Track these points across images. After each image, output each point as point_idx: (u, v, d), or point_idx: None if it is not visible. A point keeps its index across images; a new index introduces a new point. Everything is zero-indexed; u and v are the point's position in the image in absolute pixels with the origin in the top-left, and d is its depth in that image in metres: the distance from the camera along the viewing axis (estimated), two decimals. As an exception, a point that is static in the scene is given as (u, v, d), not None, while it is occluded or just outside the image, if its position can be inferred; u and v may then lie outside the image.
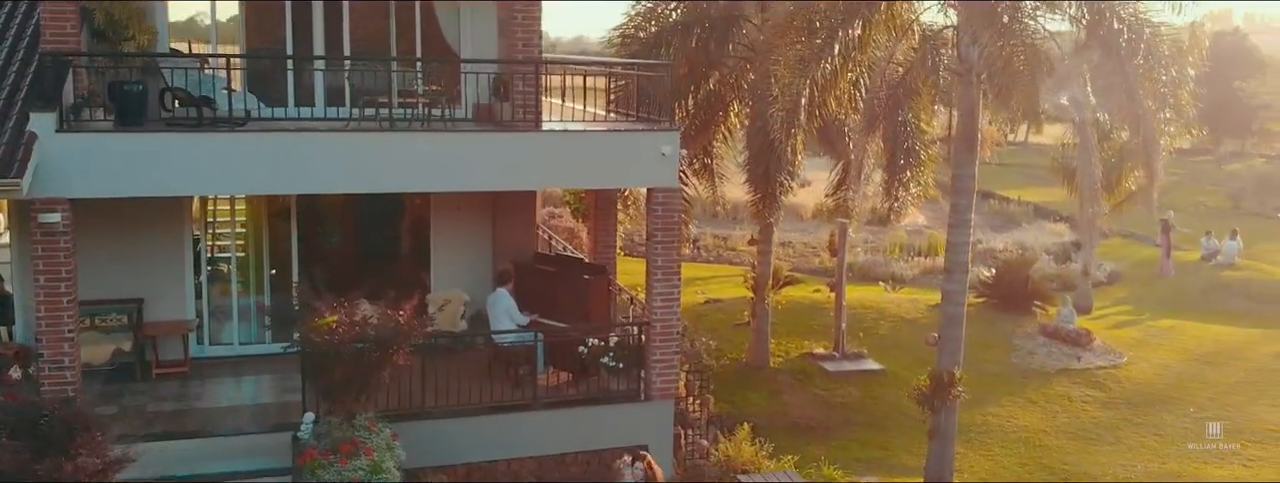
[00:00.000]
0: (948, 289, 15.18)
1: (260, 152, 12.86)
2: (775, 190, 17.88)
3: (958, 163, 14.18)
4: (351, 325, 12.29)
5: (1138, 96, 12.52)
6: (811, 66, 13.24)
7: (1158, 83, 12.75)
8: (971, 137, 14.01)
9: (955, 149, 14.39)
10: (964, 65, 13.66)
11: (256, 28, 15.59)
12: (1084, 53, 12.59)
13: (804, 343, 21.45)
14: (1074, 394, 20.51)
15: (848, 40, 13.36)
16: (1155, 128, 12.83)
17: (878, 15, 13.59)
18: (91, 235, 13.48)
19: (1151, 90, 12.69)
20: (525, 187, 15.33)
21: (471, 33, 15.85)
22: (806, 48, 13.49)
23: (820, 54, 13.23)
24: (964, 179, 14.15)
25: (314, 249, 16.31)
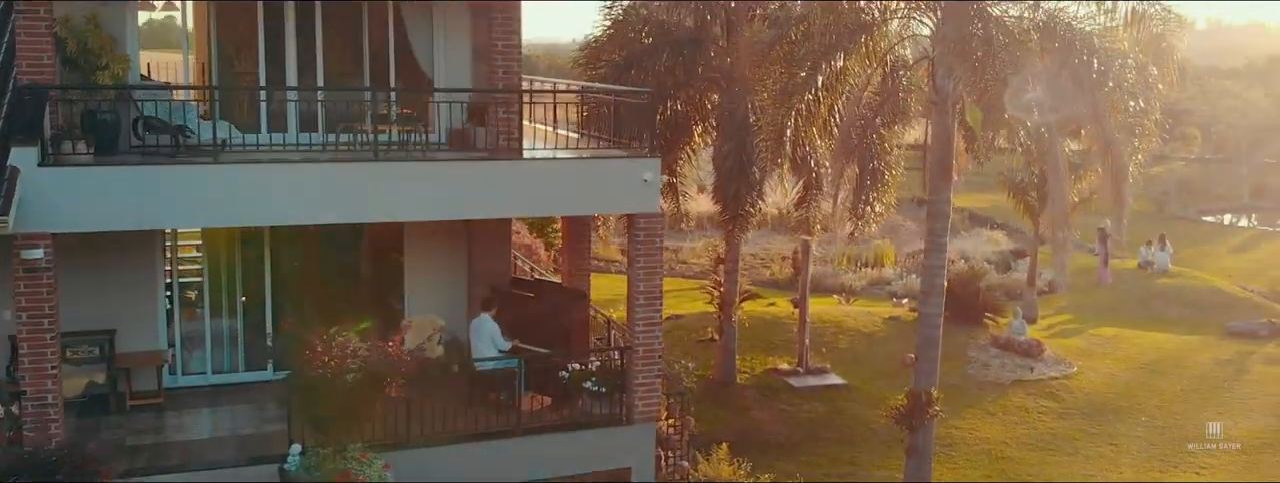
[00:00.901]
0: (924, 312, 15.53)
1: (243, 184, 12.77)
2: (746, 212, 18.16)
3: (933, 189, 14.56)
4: (344, 357, 12.29)
5: (1107, 126, 12.98)
6: (795, 99, 13.52)
7: (1125, 112, 13.24)
8: (946, 164, 14.40)
9: (930, 176, 14.78)
10: (939, 96, 14.04)
11: (229, 52, 15.48)
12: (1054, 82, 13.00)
13: (768, 359, 21.76)
14: (1030, 405, 21.07)
15: (830, 73, 13.68)
16: (1124, 155, 13.31)
17: (858, 48, 13.92)
18: (61, 265, 13.27)
19: (1120, 120, 13.17)
20: (508, 215, 15.42)
21: (445, 56, 15.88)
22: (789, 80, 13.76)
23: (804, 86, 13.51)
24: (939, 204, 14.54)
25: (286, 275, 16.18)
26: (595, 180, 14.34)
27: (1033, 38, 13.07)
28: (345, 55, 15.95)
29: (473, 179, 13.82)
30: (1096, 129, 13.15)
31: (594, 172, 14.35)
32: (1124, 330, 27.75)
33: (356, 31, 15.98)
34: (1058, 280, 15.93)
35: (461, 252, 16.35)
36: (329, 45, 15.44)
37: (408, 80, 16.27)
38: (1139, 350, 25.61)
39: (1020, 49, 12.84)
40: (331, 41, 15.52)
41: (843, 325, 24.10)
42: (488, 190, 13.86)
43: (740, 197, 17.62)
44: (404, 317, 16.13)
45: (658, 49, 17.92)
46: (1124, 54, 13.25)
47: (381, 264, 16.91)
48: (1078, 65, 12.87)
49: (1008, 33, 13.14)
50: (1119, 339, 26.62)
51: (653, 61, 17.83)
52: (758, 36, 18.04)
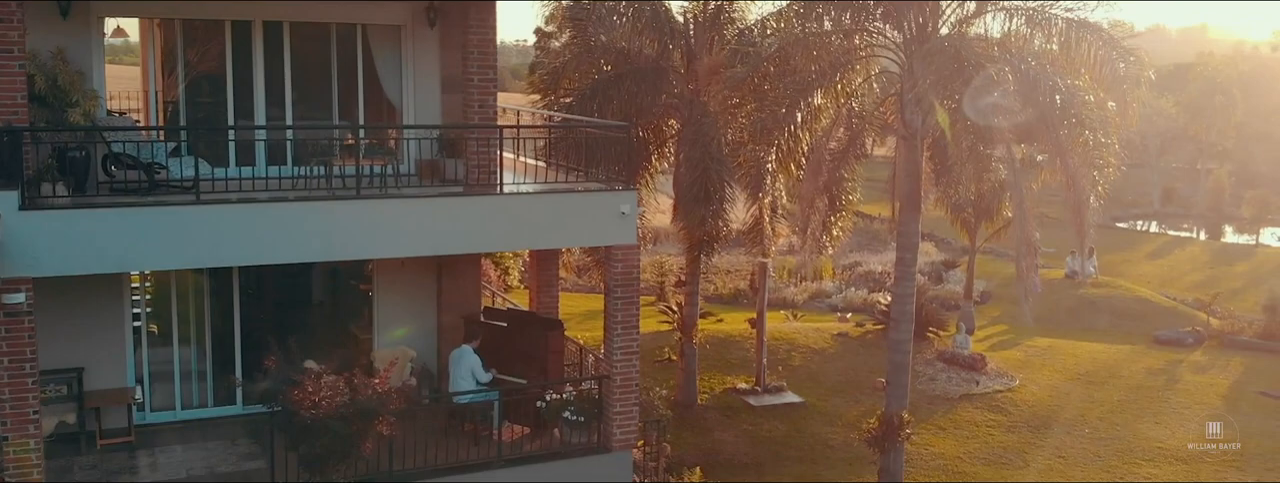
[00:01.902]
0: (894, 338, 15.97)
1: (223, 224, 12.63)
2: (713, 238, 18.43)
3: (902, 219, 15.00)
4: (335, 395, 12.29)
5: (1070, 160, 13.53)
6: (775, 134, 13.85)
7: (1087, 148, 13.81)
8: (915, 195, 14.85)
9: (900, 206, 15.22)
10: (908, 129, 14.48)
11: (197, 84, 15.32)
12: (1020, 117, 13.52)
13: (725, 378, 22.07)
14: (979, 419, 21.68)
15: (808, 110, 14.03)
16: (1087, 189, 13.88)
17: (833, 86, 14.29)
18: (24, 303, 13.07)
19: (1083, 156, 13.73)
20: (490, 250, 15.48)
21: (413, 86, 15.92)
22: (767, 116, 14.08)
23: (784, 122, 13.84)
24: (908, 235, 14.98)
25: (254, 307, 16.04)
26: (573, 213, 14.49)
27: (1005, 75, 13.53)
28: (314, 85, 15.91)
29: (453, 215, 13.86)
30: (1060, 163, 13.70)
31: (572, 204, 14.48)
32: (1057, 341, 28.64)
33: (325, 61, 15.95)
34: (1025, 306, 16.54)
35: (431, 281, 16.37)
36: (297, 74, 15.40)
37: (376, 110, 16.28)
38: (1075, 361, 26.45)
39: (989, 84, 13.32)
40: (300, 71, 15.47)
41: (795, 343, 24.52)
42: (468, 225, 13.92)
43: (706, 223, 17.90)
44: (373, 347, 16.14)
45: (621, 77, 18.13)
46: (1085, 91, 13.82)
47: (350, 294, 16.85)
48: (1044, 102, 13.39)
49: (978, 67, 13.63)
50: (1054, 350, 27.47)
51: (616, 89, 18.03)
52: (716, 63, 18.36)
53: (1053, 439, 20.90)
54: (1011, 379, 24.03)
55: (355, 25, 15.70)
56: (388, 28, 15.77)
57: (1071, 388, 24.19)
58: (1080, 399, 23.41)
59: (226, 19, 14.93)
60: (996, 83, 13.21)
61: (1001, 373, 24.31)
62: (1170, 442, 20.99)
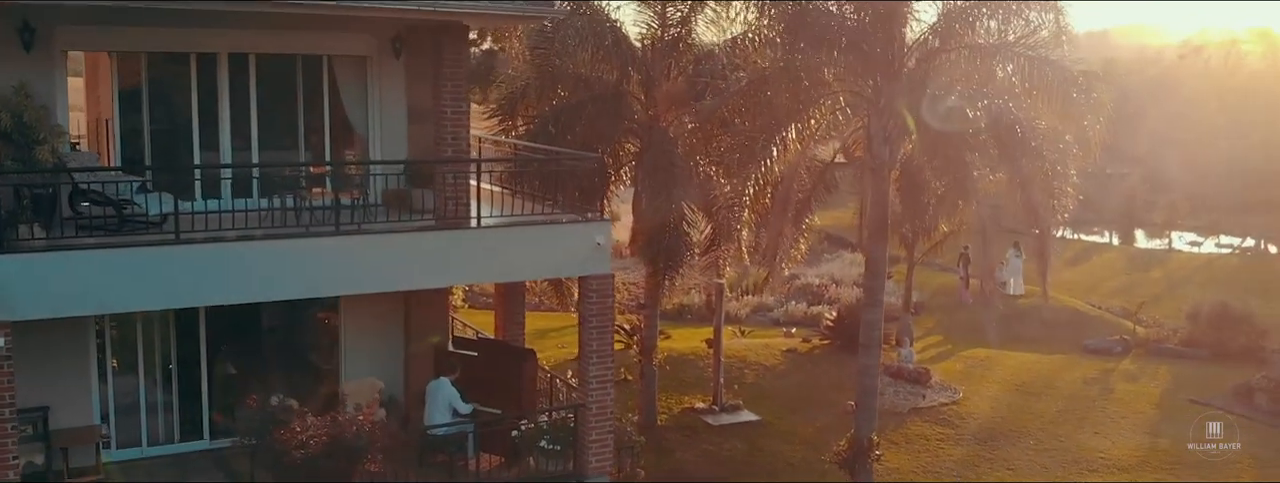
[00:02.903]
0: (864, 363, 16.40)
1: (204, 263, 12.60)
2: (678, 263, 18.68)
3: (870, 247, 15.43)
4: (322, 433, 12.28)
5: (1032, 193, 14.08)
6: (751, 167, 14.17)
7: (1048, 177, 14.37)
8: (883, 224, 15.28)
9: (868, 235, 15.64)
10: (876, 161, 14.92)
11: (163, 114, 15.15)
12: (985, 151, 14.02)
13: (682, 398, 22.33)
14: (928, 433, 22.23)
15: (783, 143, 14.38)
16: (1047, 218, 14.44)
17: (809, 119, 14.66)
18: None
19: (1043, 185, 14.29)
20: (465, 282, 15.52)
21: (380, 116, 15.92)
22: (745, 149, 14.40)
23: (762, 155, 14.17)
24: (876, 263, 15.41)
25: (222, 339, 15.88)
26: (548, 244, 14.67)
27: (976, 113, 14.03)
28: (280, 115, 15.83)
29: (431, 249, 13.97)
30: (1021, 194, 14.24)
31: (547, 236, 14.64)
32: (993, 352, 29.35)
33: (290, 92, 15.88)
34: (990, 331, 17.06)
35: (398, 311, 16.36)
36: (263, 105, 15.32)
37: (343, 140, 16.25)
38: (1012, 372, 27.20)
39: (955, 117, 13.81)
40: (265, 102, 15.39)
41: (747, 360, 24.88)
42: (446, 259, 14.04)
43: (672, 250, 18.16)
44: (341, 378, 16.08)
45: (582, 103, 18.32)
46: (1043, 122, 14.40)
47: (317, 325, 16.76)
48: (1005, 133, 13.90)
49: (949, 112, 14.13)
50: (991, 361, 28.20)
51: (577, 116, 18.22)
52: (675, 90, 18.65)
53: (1001, 452, 21.52)
54: (955, 392, 24.67)
55: (321, 56, 15.67)
56: (353, 59, 15.76)
57: (1012, 399, 24.90)
58: (1021, 411, 24.11)
59: (191, 51, 14.79)
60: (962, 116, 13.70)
61: (945, 386, 24.93)
62: (1112, 451, 21.75)
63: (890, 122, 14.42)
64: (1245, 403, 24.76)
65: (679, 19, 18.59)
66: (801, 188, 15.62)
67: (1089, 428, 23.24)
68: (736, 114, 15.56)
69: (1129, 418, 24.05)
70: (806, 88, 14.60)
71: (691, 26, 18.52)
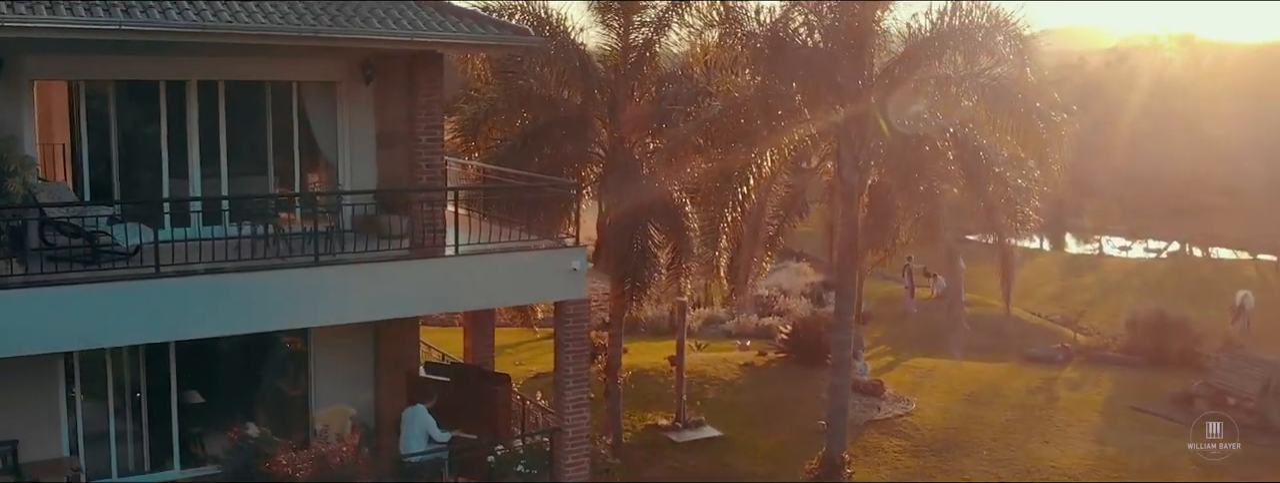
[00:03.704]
0: (835, 383, 16.75)
1: (185, 296, 12.55)
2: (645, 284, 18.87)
3: (840, 269, 15.77)
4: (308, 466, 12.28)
5: (997, 217, 14.53)
6: (726, 194, 14.44)
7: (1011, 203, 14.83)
8: (853, 247, 15.64)
9: (838, 257, 15.98)
10: (846, 186, 15.27)
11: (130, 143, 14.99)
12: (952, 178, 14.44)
13: (645, 415, 22.52)
14: (885, 445, 22.67)
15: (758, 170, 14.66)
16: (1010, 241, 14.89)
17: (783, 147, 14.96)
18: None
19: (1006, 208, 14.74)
20: (441, 310, 15.56)
21: (349, 141, 15.91)
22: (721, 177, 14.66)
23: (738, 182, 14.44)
24: (846, 284, 15.74)
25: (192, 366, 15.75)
26: (525, 271, 14.79)
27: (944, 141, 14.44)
28: (249, 141, 15.74)
29: (407, 278, 14.00)
30: (986, 217, 14.68)
31: (524, 263, 14.75)
32: (939, 362, 29.96)
33: (259, 118, 15.79)
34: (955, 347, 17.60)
35: (368, 337, 16.34)
36: (232, 132, 15.23)
37: (312, 165, 16.21)
38: (959, 382, 27.80)
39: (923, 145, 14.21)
40: (235, 128, 15.30)
41: (706, 375, 25.15)
42: (421, 287, 14.10)
43: (640, 273, 18.36)
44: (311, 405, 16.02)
45: (549, 126, 18.46)
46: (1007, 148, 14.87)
47: (286, 352, 16.67)
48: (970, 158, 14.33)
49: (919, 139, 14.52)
50: (938, 371, 28.79)
51: (544, 138, 18.36)
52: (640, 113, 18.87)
53: (956, 463, 22.01)
54: (908, 403, 25.16)
55: (290, 82, 15.62)
56: (322, 84, 15.73)
57: (962, 409, 25.46)
58: (971, 421, 24.66)
59: (161, 79, 14.67)
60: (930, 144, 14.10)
61: (898, 398, 25.42)
62: (1062, 460, 22.35)
63: (859, 149, 14.79)
64: (1185, 410, 25.55)
65: (642, 42, 18.80)
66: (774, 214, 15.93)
67: (1038, 437, 23.85)
68: (709, 140, 15.84)
69: (1075, 426, 24.71)
70: (780, 116, 14.90)
71: (655, 50, 18.74)
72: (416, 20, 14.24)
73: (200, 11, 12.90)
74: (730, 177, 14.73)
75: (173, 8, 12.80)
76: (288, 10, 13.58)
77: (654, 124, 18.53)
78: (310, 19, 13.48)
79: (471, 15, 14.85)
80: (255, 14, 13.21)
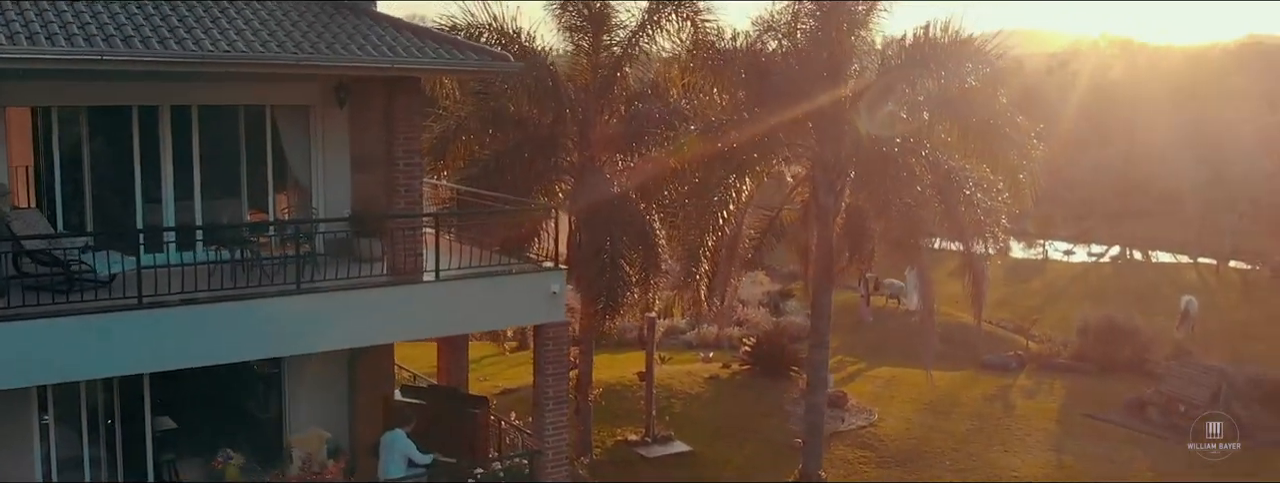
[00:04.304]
0: (811, 401, 16.95)
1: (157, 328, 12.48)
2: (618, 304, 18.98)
3: (817, 290, 16.02)
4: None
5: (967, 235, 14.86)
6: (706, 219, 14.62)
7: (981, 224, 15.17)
8: (829, 268, 15.91)
9: (814, 279, 16.23)
10: (821, 209, 15.52)
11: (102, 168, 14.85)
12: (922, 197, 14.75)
13: (615, 431, 22.64)
14: (851, 457, 22.98)
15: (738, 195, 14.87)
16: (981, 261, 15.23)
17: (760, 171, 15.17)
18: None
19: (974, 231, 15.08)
20: (421, 336, 15.56)
21: (323, 164, 15.87)
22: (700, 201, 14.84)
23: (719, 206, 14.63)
24: (821, 306, 16.01)
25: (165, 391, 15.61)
26: (504, 295, 14.82)
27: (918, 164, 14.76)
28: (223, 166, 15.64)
29: (388, 304, 13.99)
30: (959, 239, 15.02)
31: (502, 287, 14.79)
32: (897, 371, 30.41)
33: (233, 142, 15.69)
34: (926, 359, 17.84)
35: (343, 360, 16.28)
36: (206, 156, 15.13)
37: (286, 188, 16.14)
38: (918, 391, 28.22)
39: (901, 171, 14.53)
40: (208, 153, 15.20)
41: (671, 389, 25.31)
42: (401, 314, 14.11)
43: (613, 292, 18.49)
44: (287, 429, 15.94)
45: (520, 146, 18.53)
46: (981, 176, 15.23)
47: (260, 376, 16.57)
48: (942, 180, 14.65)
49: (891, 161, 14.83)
50: (898, 381, 29.22)
51: (515, 157, 18.43)
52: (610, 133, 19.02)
53: (921, 473, 22.38)
54: (871, 414, 25.51)
55: (263, 106, 15.55)
56: (296, 108, 15.66)
57: (923, 419, 25.86)
58: (933, 431, 25.07)
59: (134, 104, 14.54)
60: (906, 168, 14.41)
61: (861, 408, 25.76)
62: (1023, 470, 22.82)
63: (835, 173, 15.06)
64: (1138, 417, 26.21)
65: (611, 62, 18.93)
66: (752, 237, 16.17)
67: (998, 446, 24.31)
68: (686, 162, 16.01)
69: (1033, 435, 25.21)
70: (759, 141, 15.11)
71: (625, 69, 18.87)
72: (396, 46, 14.25)
73: (181, 41, 12.83)
74: (710, 201, 14.93)
75: (153, 36, 12.72)
76: (267, 38, 13.54)
77: (624, 143, 18.66)
78: (291, 46, 13.45)
79: (450, 40, 14.89)
80: (236, 42, 13.16)
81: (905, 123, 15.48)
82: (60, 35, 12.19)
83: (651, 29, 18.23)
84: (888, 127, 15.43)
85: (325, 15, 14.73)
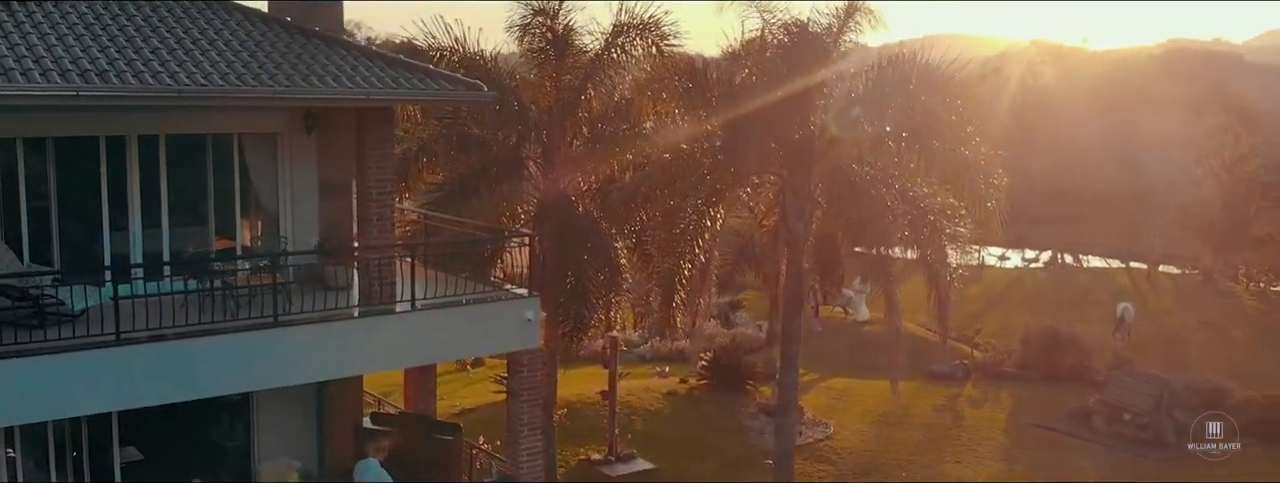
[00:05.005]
0: (781, 423, 17.20)
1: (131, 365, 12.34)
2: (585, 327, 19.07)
3: (786, 315, 16.28)
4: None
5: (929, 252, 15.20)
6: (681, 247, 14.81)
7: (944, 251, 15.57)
8: (799, 294, 16.18)
9: (784, 304, 16.48)
10: (791, 236, 15.80)
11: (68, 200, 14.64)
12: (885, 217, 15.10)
13: (577, 450, 22.74)
14: (811, 471, 23.32)
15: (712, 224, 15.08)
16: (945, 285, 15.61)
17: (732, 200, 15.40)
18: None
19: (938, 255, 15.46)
20: (398, 366, 15.54)
21: (291, 194, 15.79)
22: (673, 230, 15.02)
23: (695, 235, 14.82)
24: (791, 329, 16.26)
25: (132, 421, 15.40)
26: (479, 323, 14.86)
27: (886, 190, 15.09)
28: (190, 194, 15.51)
29: (363, 335, 13.98)
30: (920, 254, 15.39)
31: (477, 315, 14.83)
32: (849, 382, 30.89)
33: (200, 171, 15.55)
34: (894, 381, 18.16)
35: (311, 387, 16.19)
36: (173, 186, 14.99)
37: (256, 217, 16.04)
38: (870, 402, 28.71)
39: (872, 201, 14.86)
40: (176, 182, 15.05)
41: (631, 405, 25.46)
42: (377, 344, 14.06)
43: (581, 317, 18.59)
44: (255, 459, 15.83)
45: (486, 169, 18.56)
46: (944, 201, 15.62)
47: (228, 404, 16.40)
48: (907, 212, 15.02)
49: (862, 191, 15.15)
50: (850, 392, 29.68)
51: (481, 180, 18.47)
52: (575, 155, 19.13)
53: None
54: (826, 427, 25.89)
55: (231, 134, 15.44)
56: (263, 136, 15.58)
57: (876, 431, 26.32)
58: (887, 442, 25.54)
59: (101, 135, 14.37)
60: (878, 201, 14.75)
61: (817, 421, 26.14)
62: (977, 480, 23.33)
63: (805, 201, 15.36)
64: (1083, 426, 26.91)
65: (575, 85, 19.03)
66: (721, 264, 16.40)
67: (950, 457, 24.82)
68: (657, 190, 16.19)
69: (983, 445, 25.78)
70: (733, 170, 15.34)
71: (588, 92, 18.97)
72: (370, 77, 14.24)
73: (155, 73, 12.72)
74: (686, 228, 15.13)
75: (128, 70, 12.60)
76: (242, 70, 13.46)
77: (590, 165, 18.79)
78: (266, 78, 13.39)
79: (422, 69, 14.91)
80: (211, 75, 13.07)
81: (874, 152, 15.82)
82: (35, 70, 12.02)
83: (616, 53, 18.36)
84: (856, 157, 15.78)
85: (296, 44, 14.67)
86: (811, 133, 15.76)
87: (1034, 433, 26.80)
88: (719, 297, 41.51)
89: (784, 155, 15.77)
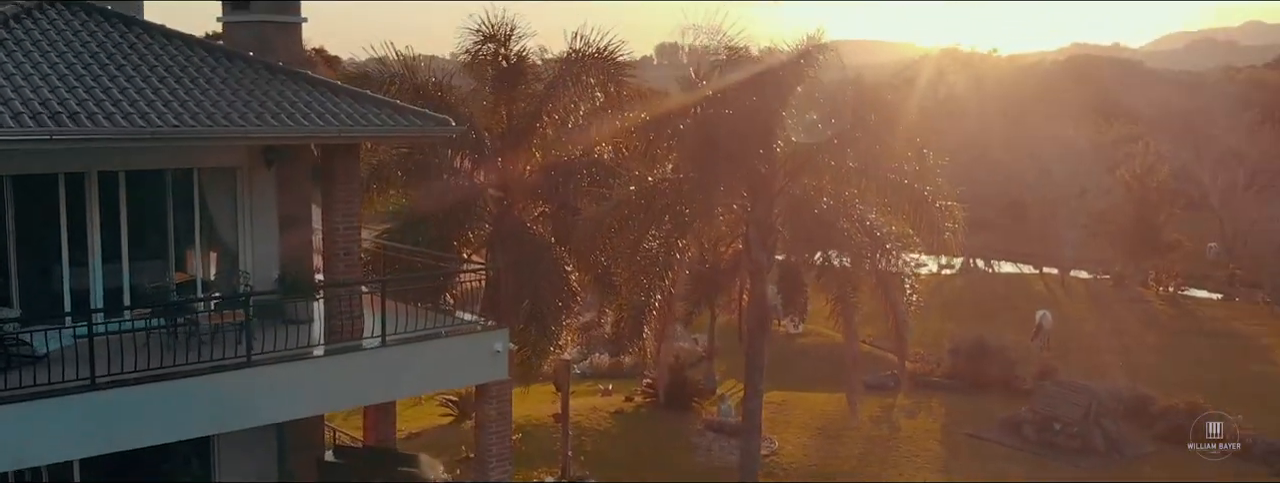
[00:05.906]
0: (745, 447, 17.53)
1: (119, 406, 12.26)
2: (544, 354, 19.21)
3: (751, 341, 16.62)
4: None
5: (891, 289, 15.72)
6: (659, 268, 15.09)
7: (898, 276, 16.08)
8: (764, 320, 16.55)
9: (748, 331, 16.80)
10: (754, 264, 16.16)
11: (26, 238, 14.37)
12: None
13: (530, 473, 22.79)
14: (760, 488, 23.70)
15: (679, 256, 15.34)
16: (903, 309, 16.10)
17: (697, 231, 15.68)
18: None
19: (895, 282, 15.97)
20: (367, 403, 15.53)
21: (250, 228, 15.74)
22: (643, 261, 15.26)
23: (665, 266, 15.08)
24: (755, 357, 16.62)
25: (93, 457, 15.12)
26: (447, 356, 14.96)
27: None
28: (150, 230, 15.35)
29: (332, 372, 14.02)
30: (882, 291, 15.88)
31: (446, 348, 14.93)
32: (788, 394, 31.34)
33: (160, 207, 15.40)
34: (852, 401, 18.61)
35: (273, 422, 16.12)
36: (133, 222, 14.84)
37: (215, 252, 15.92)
38: (810, 415, 29.23)
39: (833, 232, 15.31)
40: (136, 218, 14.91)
41: (580, 425, 25.57)
42: (346, 381, 14.13)
43: (539, 342, 18.72)
44: (216, 492, 15.70)
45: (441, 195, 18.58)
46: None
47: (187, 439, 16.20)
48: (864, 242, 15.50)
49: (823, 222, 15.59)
50: (789, 405, 30.14)
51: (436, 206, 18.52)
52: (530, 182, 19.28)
53: (826, 502, 23.29)
54: (771, 442, 26.27)
55: (191, 169, 15.31)
56: (223, 170, 15.49)
57: (819, 445, 26.82)
58: (830, 455, 26.06)
59: (60, 171, 14.15)
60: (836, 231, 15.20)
61: (761, 436, 26.49)
62: (921, 493, 23.98)
63: (767, 231, 15.73)
64: (1016, 435, 27.72)
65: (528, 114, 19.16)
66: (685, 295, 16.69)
67: (891, 469, 25.41)
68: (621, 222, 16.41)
69: (921, 456, 26.44)
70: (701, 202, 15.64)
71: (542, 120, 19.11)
72: (337, 112, 14.26)
73: (126, 114, 12.61)
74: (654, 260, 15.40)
75: (98, 111, 12.48)
76: (211, 108, 13.38)
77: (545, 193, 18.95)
78: (237, 117, 13.33)
79: (389, 104, 14.96)
80: (182, 115, 12.98)
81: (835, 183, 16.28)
82: (4, 112, 11.84)
83: (570, 83, 18.54)
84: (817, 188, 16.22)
85: (262, 80, 14.61)
86: (774, 166, 16.15)
87: (969, 443, 27.54)
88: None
89: (747, 187, 16.13)
